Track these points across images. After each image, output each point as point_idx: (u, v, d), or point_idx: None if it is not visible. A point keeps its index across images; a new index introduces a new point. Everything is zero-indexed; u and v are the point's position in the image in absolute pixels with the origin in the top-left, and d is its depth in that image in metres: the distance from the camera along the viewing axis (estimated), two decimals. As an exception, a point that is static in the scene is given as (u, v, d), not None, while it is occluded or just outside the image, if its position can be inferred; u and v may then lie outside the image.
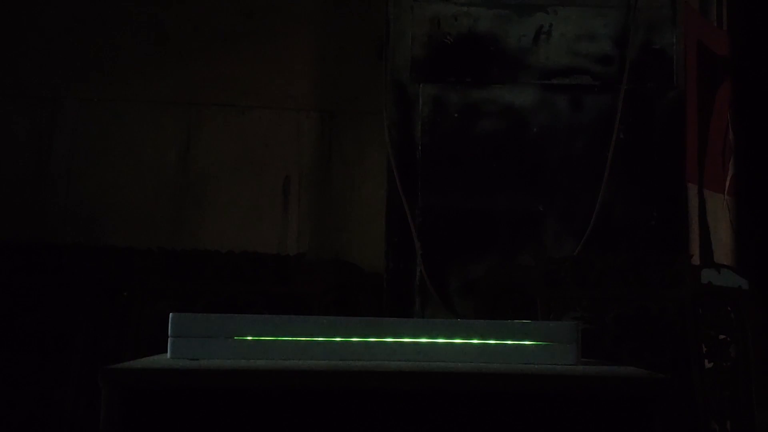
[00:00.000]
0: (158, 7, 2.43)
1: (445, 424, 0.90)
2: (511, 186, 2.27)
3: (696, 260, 2.33)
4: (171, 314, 1.05)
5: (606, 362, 1.13)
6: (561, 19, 2.31)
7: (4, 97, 2.36)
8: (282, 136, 2.43)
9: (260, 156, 2.42)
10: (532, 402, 0.91)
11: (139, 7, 2.43)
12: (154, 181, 2.38)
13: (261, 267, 2.05)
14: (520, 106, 2.29)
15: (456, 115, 2.28)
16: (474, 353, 0.98)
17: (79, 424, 1.88)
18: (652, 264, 2.07)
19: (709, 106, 2.63)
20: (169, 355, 0.98)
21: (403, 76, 2.29)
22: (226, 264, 2.04)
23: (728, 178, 2.67)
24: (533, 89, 2.30)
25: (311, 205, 2.43)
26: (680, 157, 2.31)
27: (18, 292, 1.98)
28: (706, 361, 2.02)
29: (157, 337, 1.77)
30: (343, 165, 2.45)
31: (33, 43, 2.38)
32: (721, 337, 2.03)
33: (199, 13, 2.44)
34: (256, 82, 2.41)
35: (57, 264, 2.01)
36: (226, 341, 0.97)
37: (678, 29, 2.32)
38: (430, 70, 2.29)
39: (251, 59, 2.42)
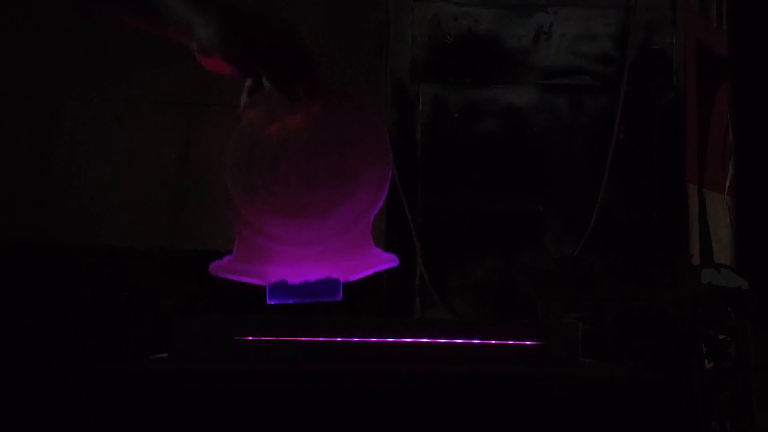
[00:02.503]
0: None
1: (445, 425, 0.90)
2: (511, 186, 2.27)
3: (696, 260, 2.33)
4: (171, 314, 1.05)
5: (606, 362, 1.13)
6: (561, 19, 2.32)
7: (4, 97, 2.36)
8: (282, 136, 2.42)
9: (260, 156, 2.41)
10: (533, 402, 0.91)
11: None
12: (154, 181, 2.38)
13: (261, 267, 2.04)
14: (520, 106, 2.29)
15: (456, 115, 2.28)
16: (474, 353, 0.98)
17: (79, 424, 1.88)
18: (652, 264, 2.07)
19: (709, 107, 2.63)
20: (168, 355, 0.98)
21: (403, 76, 2.29)
22: (226, 264, 2.03)
23: (728, 178, 2.67)
24: (533, 89, 2.30)
25: (311, 205, 2.42)
26: (680, 157, 2.31)
27: (18, 293, 1.98)
28: (706, 361, 2.02)
29: (157, 337, 1.77)
30: (343, 165, 2.44)
31: (33, 44, 2.38)
32: (721, 337, 2.03)
33: (199, 13, 2.43)
34: (256, 82, 2.40)
35: (57, 264, 2.01)
36: (226, 341, 0.97)
37: (678, 29, 2.33)
38: (430, 70, 2.29)
39: (251, 59, 2.41)
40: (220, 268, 1.08)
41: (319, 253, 1.06)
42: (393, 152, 1.07)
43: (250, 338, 0.97)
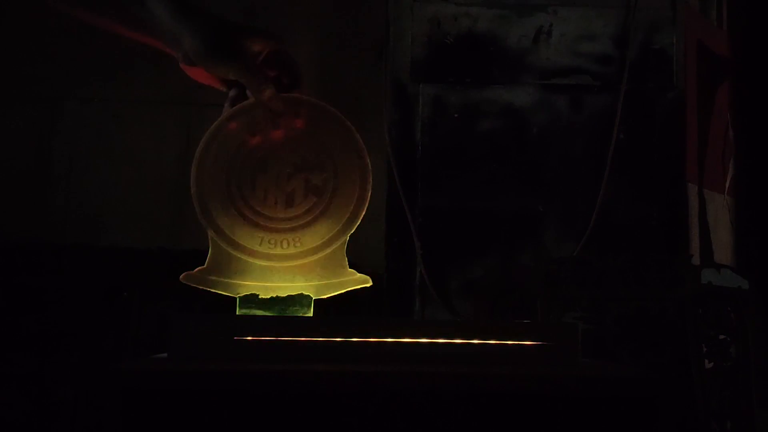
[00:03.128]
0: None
1: (444, 425, 0.90)
2: (511, 186, 2.27)
3: (696, 260, 2.33)
4: (171, 314, 1.05)
5: (606, 362, 1.13)
6: (561, 19, 2.32)
7: (4, 97, 2.36)
8: (282, 136, 2.42)
9: (260, 156, 2.41)
10: (532, 402, 0.91)
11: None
12: (154, 181, 2.38)
13: (261, 267, 2.04)
14: (520, 106, 2.29)
15: (456, 115, 2.28)
16: (474, 353, 0.98)
17: (78, 424, 1.88)
18: (652, 264, 2.07)
19: (709, 106, 2.63)
20: (168, 355, 0.98)
21: (403, 76, 2.29)
22: (226, 264, 2.03)
23: (728, 178, 2.67)
24: (533, 89, 2.30)
25: (311, 205, 2.42)
26: (680, 157, 2.31)
27: (18, 293, 1.98)
28: (706, 361, 2.02)
29: (157, 337, 1.77)
30: (343, 165, 2.44)
31: (33, 43, 2.38)
32: (721, 337, 2.03)
33: (199, 13, 2.43)
34: (256, 82, 2.40)
35: (57, 264, 2.01)
36: (226, 341, 0.97)
37: (678, 29, 2.32)
38: (430, 70, 2.29)
39: (251, 59, 2.41)
40: (191, 278, 1.09)
41: (292, 270, 1.06)
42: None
43: (250, 338, 0.97)
